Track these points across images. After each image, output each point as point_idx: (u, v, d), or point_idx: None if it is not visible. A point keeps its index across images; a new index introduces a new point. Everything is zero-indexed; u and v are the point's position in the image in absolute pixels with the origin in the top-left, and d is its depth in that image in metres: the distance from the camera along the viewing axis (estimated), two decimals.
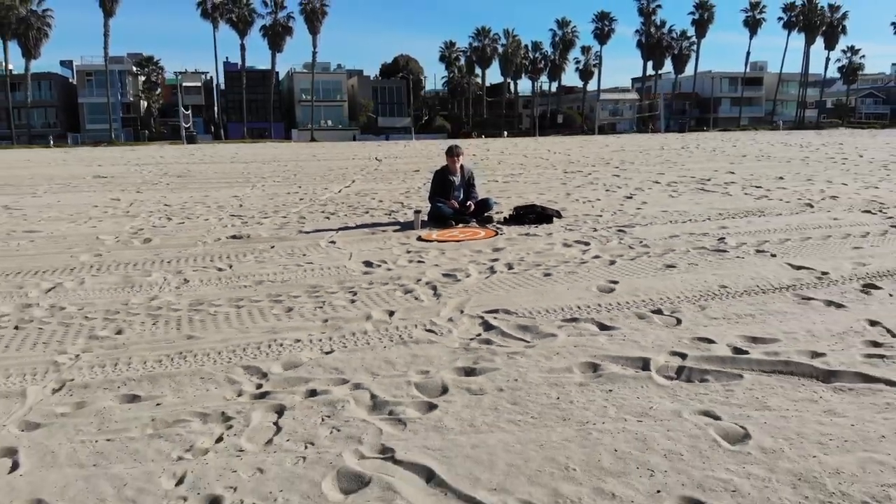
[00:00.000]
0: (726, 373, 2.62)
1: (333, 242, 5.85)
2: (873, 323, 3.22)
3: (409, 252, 5.31)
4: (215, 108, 75.58)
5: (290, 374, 2.72)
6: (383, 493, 1.82)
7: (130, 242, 6.08)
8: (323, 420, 2.27)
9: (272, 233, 6.47)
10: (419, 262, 4.91)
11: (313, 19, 66.10)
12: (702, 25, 77.13)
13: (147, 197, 10.08)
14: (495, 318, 3.42)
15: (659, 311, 3.48)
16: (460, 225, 6.60)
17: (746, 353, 2.84)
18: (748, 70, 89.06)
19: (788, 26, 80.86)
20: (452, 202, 6.83)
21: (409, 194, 9.77)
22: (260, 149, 32.56)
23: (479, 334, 3.18)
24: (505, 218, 6.82)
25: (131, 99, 72.85)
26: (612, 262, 4.71)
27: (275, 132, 69.21)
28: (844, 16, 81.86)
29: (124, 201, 9.50)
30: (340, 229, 6.59)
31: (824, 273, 4.27)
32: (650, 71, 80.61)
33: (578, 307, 3.60)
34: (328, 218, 7.45)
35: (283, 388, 2.57)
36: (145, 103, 74.05)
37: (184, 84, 75.78)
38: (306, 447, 2.08)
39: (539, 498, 1.77)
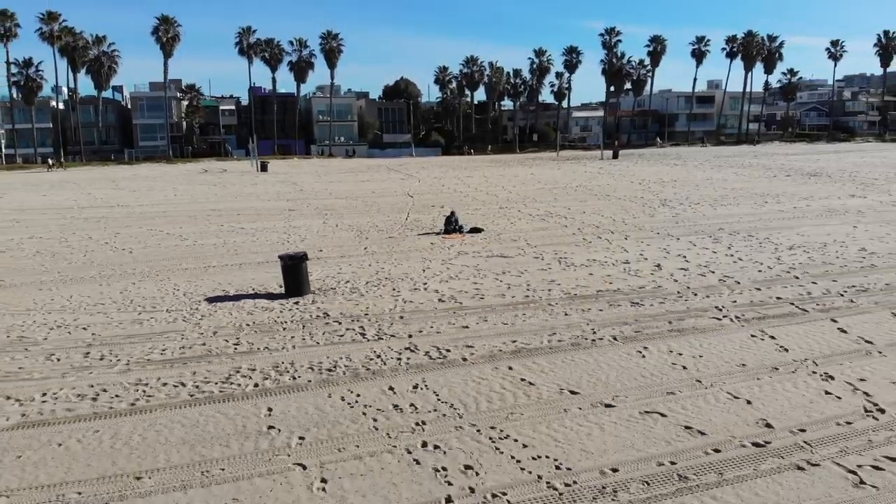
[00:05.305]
0: (491, 258, 19.74)
1: (420, 238, 22.96)
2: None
3: (441, 241, 22.41)
4: (240, 127, 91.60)
5: (437, 265, 19.77)
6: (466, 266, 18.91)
7: (370, 239, 23.10)
8: (447, 267, 19.38)
9: (404, 235, 23.56)
10: (442, 243, 22.02)
11: (331, 56, 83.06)
12: (656, 56, 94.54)
13: (335, 223, 27.10)
14: (459, 252, 20.54)
15: (491, 253, 20.59)
16: (454, 233, 23.67)
17: (498, 254, 19.93)
18: (705, 88, 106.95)
19: (731, 55, 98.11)
20: (452, 226, 23.93)
21: (434, 220, 26.86)
22: (328, 182, 46.90)
23: (455, 255, 20.25)
24: (467, 231, 23.91)
25: (176, 120, 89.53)
26: (489, 243, 21.82)
27: (298, 148, 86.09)
28: (781, 45, 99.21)
29: (329, 224, 26.54)
30: (421, 234, 23.72)
31: (520, 249, 21.39)
32: (614, 93, 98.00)
33: (476, 251, 20.70)
34: (411, 230, 24.56)
35: (442, 261, 19.57)
36: (185, 124, 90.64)
37: (220, 108, 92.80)
38: (426, 271, 19.15)
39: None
